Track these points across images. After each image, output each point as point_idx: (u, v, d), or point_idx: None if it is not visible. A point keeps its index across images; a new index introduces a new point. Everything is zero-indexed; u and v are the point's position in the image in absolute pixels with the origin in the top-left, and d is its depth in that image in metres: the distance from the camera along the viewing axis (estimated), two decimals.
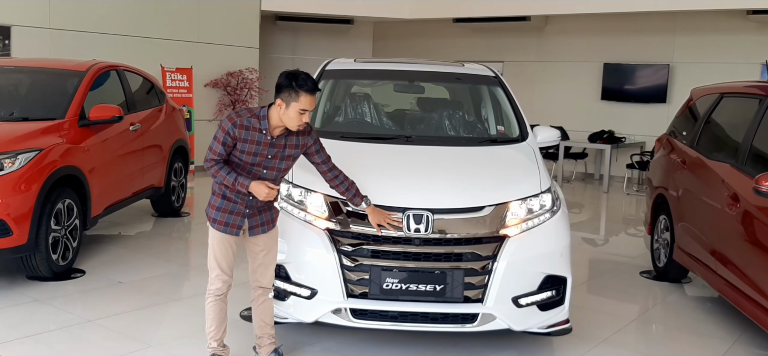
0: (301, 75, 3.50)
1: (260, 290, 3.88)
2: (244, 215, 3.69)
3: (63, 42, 10.01)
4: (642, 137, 12.76)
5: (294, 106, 3.48)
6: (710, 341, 4.86)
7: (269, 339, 3.96)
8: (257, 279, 3.86)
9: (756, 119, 4.93)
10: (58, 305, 5.02)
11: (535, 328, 4.16)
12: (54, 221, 5.45)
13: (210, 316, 3.80)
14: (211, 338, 3.83)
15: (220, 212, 3.67)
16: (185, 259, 6.91)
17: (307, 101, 3.48)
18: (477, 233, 3.98)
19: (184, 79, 11.40)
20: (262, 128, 3.55)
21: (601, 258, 7.67)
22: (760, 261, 4.41)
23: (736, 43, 11.89)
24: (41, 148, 5.40)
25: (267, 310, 3.92)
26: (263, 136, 3.56)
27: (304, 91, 3.46)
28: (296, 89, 3.46)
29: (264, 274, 3.85)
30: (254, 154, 3.57)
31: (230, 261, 3.75)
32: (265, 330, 3.94)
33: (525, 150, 4.76)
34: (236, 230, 3.69)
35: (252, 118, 3.56)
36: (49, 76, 6.62)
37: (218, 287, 3.75)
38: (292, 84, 3.47)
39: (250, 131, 3.54)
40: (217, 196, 3.69)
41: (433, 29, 15.13)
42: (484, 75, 5.59)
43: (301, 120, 3.51)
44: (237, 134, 3.52)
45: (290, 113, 3.49)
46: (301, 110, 3.49)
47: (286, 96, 3.48)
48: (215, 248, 3.72)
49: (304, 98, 3.47)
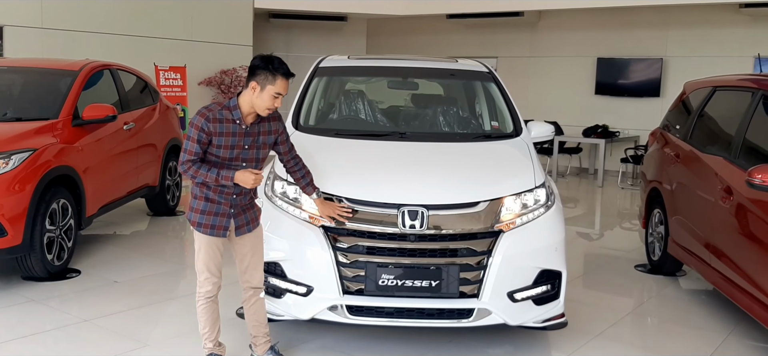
0: (277, 59, 3.52)
1: (251, 290, 3.86)
2: (229, 216, 3.66)
3: (55, 42, 9.99)
4: (636, 131, 12.80)
5: (269, 89, 3.47)
6: (705, 333, 4.89)
7: (264, 337, 3.96)
8: (247, 280, 3.84)
9: (749, 112, 4.95)
10: (53, 305, 5.02)
11: (531, 323, 4.17)
12: (49, 222, 5.44)
13: (203, 318, 3.79)
14: (207, 339, 3.83)
15: (204, 215, 3.62)
16: (181, 258, 6.90)
17: (283, 85, 3.48)
18: (472, 228, 3.99)
19: (177, 77, 11.39)
20: (234, 118, 3.53)
21: (595, 252, 7.69)
22: (753, 254, 4.43)
23: (728, 37, 11.93)
24: (35, 148, 5.39)
25: (259, 310, 3.92)
26: (237, 126, 3.54)
27: (281, 74, 3.46)
28: (272, 72, 3.46)
29: (254, 274, 3.84)
30: (231, 147, 3.54)
31: (218, 263, 3.72)
32: (259, 329, 3.94)
33: (519, 145, 4.78)
34: (223, 231, 3.66)
35: (223, 110, 3.53)
36: (42, 76, 6.60)
37: (208, 290, 3.72)
38: (268, 67, 3.46)
39: (223, 124, 3.51)
40: (199, 199, 3.62)
41: (427, 25, 15.13)
42: (478, 71, 5.60)
43: (273, 104, 3.51)
44: (211, 129, 3.48)
45: (264, 96, 3.49)
46: (275, 94, 3.49)
47: (262, 79, 3.47)
48: (202, 252, 3.67)
49: (281, 81, 3.47)
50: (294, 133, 4.75)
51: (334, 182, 4.10)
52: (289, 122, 4.90)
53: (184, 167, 3.52)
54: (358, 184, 4.09)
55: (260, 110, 3.53)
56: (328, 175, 4.17)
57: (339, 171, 4.26)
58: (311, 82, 5.30)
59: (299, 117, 4.99)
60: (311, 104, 5.25)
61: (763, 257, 4.27)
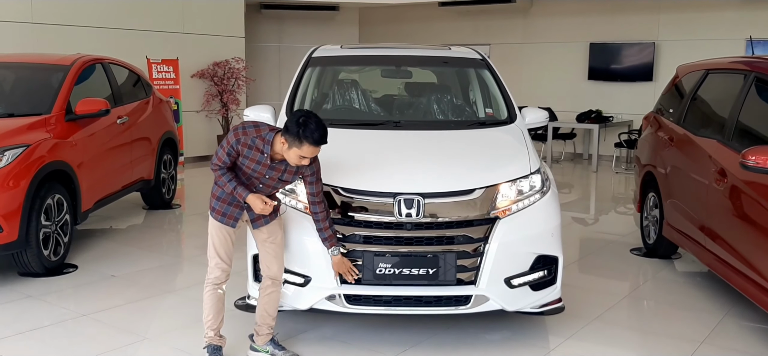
0: (311, 125, 3.45)
1: (269, 280, 3.90)
2: (241, 208, 3.74)
3: (46, 37, 9.92)
4: (629, 115, 12.83)
5: (295, 151, 3.50)
6: (701, 315, 4.92)
7: (268, 328, 3.97)
8: (266, 268, 3.89)
9: (741, 95, 4.97)
10: (51, 300, 5.01)
11: (528, 308, 4.20)
12: (44, 217, 5.43)
13: (208, 305, 3.82)
14: (208, 327, 3.85)
15: (219, 202, 3.73)
16: (177, 251, 6.90)
17: (310, 151, 3.50)
18: (468, 215, 4.00)
19: (170, 70, 11.34)
20: (264, 151, 3.58)
21: (591, 237, 7.72)
22: (748, 235, 4.46)
23: (720, 20, 11.95)
24: (28, 144, 5.37)
25: (272, 301, 3.93)
26: (264, 158, 3.60)
27: (309, 143, 3.46)
28: (300, 139, 3.45)
29: (272, 263, 3.87)
30: (253, 170, 3.64)
31: (229, 250, 3.79)
32: (266, 320, 3.95)
33: (514, 132, 4.78)
34: (233, 222, 3.74)
35: (257, 139, 3.58)
36: (34, 71, 6.56)
37: (217, 275, 3.79)
38: (298, 132, 3.45)
39: (252, 150, 3.58)
40: (218, 187, 3.73)
41: (419, 13, 15.10)
42: (472, 58, 5.60)
43: (300, 163, 3.56)
44: (240, 150, 3.59)
45: (290, 155, 3.53)
46: (301, 157, 3.52)
47: (290, 140, 3.48)
48: (214, 237, 3.77)
49: (307, 147, 3.48)
50: None
51: (330, 173, 4.09)
52: (283, 113, 4.89)
53: (213, 168, 3.68)
54: (353, 174, 4.10)
55: (289, 161, 3.58)
56: (324, 165, 4.16)
57: (334, 161, 4.25)
58: (304, 73, 5.29)
59: (293, 108, 4.98)
60: (305, 94, 5.24)
61: (758, 238, 4.30)
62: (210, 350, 3.86)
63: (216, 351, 3.86)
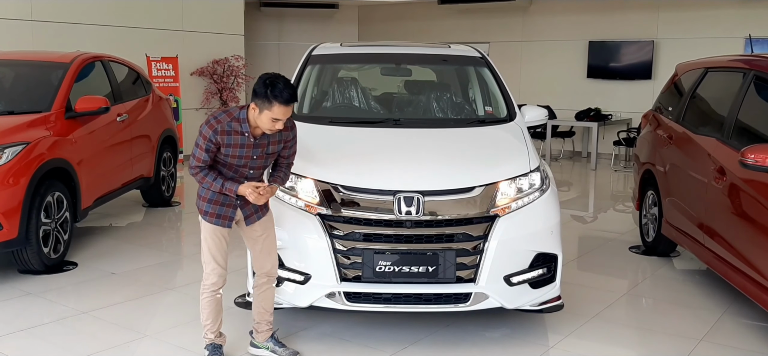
0: (279, 84, 3.40)
1: (265, 277, 3.87)
2: (235, 206, 3.68)
3: (46, 34, 9.91)
4: (628, 113, 12.84)
5: (266, 114, 3.43)
6: (700, 312, 4.93)
7: (267, 325, 3.97)
8: (261, 266, 3.85)
9: (741, 93, 4.98)
10: (51, 298, 5.02)
11: (527, 306, 4.21)
12: (44, 215, 5.43)
13: (206, 310, 3.79)
14: (208, 330, 3.84)
15: (211, 204, 3.65)
16: (177, 248, 6.91)
17: (281, 111, 3.42)
18: (468, 213, 4.01)
19: (169, 68, 11.34)
20: (243, 131, 3.52)
21: (590, 235, 7.74)
22: (747, 233, 4.47)
23: (719, 18, 11.95)
24: (28, 141, 5.37)
25: (268, 298, 3.92)
26: (246, 138, 3.54)
27: (279, 102, 3.39)
28: (269, 99, 3.39)
29: (266, 260, 3.84)
30: (239, 157, 3.56)
31: (224, 253, 3.74)
32: (263, 316, 3.95)
33: (513, 130, 4.79)
34: (228, 222, 3.69)
35: (232, 122, 3.51)
36: (34, 68, 6.57)
37: (214, 281, 3.73)
38: (266, 92, 3.40)
39: (232, 136, 3.51)
40: (207, 190, 3.65)
41: (419, 12, 15.10)
42: (471, 56, 5.60)
43: (273, 126, 3.48)
44: (219, 140, 3.49)
45: (262, 119, 3.46)
46: (273, 119, 3.45)
47: (260, 102, 3.43)
48: (208, 241, 3.70)
49: (278, 108, 3.40)
50: None
51: (330, 170, 4.11)
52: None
53: (193, 172, 3.57)
54: (353, 171, 4.10)
55: (262, 129, 3.52)
56: (324, 163, 4.18)
57: (334, 159, 4.27)
58: (304, 71, 5.29)
59: None
60: (305, 92, 5.25)
61: (757, 236, 4.31)
62: (211, 349, 3.86)
63: (216, 349, 3.86)
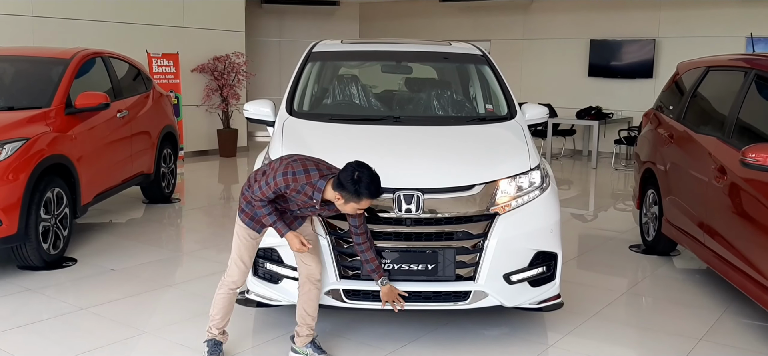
0: (365, 179, 3.42)
1: (304, 278, 3.85)
2: None
3: (46, 30, 9.91)
4: (629, 112, 12.83)
5: (352, 205, 3.49)
6: (700, 312, 4.93)
7: (308, 329, 3.92)
8: (306, 265, 3.83)
9: (742, 92, 4.97)
10: (50, 294, 5.02)
11: (527, 304, 4.20)
12: (43, 211, 5.43)
13: (219, 306, 3.81)
14: (214, 325, 3.84)
15: (249, 205, 3.68)
16: (177, 245, 6.91)
17: (368, 204, 3.52)
18: (467, 211, 4.00)
19: (170, 64, 11.33)
20: (313, 198, 3.53)
21: (590, 233, 7.73)
22: (747, 232, 4.46)
23: (720, 17, 11.94)
24: (28, 137, 5.37)
25: (310, 300, 3.87)
26: (314, 204, 3.56)
27: (367, 197, 3.45)
28: (359, 195, 3.43)
29: (310, 262, 3.81)
30: (298, 207, 3.62)
31: (252, 254, 3.78)
32: (305, 320, 3.90)
33: (514, 128, 4.78)
34: (259, 227, 3.72)
35: (307, 185, 3.50)
36: (34, 64, 6.56)
37: (235, 280, 3.77)
38: (357, 190, 3.42)
39: (300, 195, 3.54)
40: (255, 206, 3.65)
41: (420, 9, 15.08)
42: (472, 54, 5.59)
43: (356, 214, 3.59)
44: (287, 194, 3.55)
45: (347, 209, 3.52)
46: (358, 209, 3.53)
47: (347, 196, 3.45)
48: (240, 238, 3.74)
49: (366, 202, 3.49)
50: (288, 118, 4.75)
51: None
52: (283, 108, 4.89)
53: (254, 199, 3.57)
54: None
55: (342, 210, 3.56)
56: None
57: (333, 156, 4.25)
58: (304, 68, 5.28)
59: (293, 103, 4.98)
60: (305, 89, 5.23)
61: (757, 235, 4.30)
62: (211, 345, 3.85)
63: (217, 346, 3.86)
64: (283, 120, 4.71)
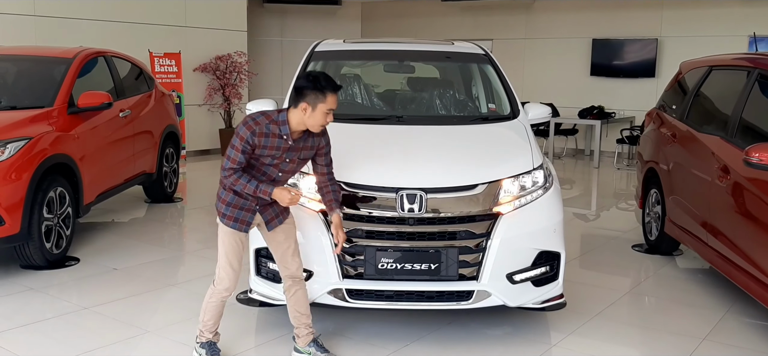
0: (322, 76, 3.49)
1: (290, 280, 3.80)
2: (253, 211, 3.63)
3: (48, 29, 9.91)
4: (631, 111, 12.81)
5: (321, 107, 3.46)
6: (702, 311, 4.92)
7: (306, 328, 3.89)
8: (285, 268, 3.79)
9: (745, 92, 4.96)
10: (53, 293, 5.02)
11: (530, 304, 4.19)
12: (46, 210, 5.43)
13: (210, 312, 3.77)
14: (207, 330, 3.81)
15: (229, 207, 3.59)
16: (179, 244, 6.91)
17: (334, 101, 3.48)
18: (470, 211, 4.00)
19: (172, 64, 11.33)
20: (282, 134, 3.50)
21: (593, 233, 7.72)
22: (750, 232, 4.45)
23: (723, 16, 11.92)
24: (30, 136, 5.37)
25: (300, 300, 3.83)
26: (283, 141, 3.52)
27: (330, 91, 3.45)
28: (322, 91, 3.44)
29: (291, 262, 3.78)
30: (273, 157, 3.54)
31: (240, 257, 3.70)
32: (300, 320, 3.87)
33: (516, 127, 4.77)
34: (245, 226, 3.64)
35: (271, 124, 3.49)
36: (36, 64, 6.56)
37: (227, 286, 3.68)
38: (317, 86, 3.44)
39: (269, 138, 3.49)
40: (227, 191, 3.59)
41: (422, 9, 15.07)
42: (475, 53, 5.59)
43: (326, 120, 3.52)
44: (256, 142, 3.47)
45: (317, 115, 3.47)
46: (328, 110, 3.48)
47: (312, 99, 3.44)
48: (226, 244, 3.64)
49: (331, 97, 3.46)
50: None
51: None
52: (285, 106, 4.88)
53: (226, 174, 3.50)
54: (356, 168, 4.09)
55: (314, 128, 3.52)
56: None
57: (337, 156, 4.25)
58: (307, 67, 5.28)
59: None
60: None
61: (760, 235, 4.30)
62: (208, 347, 3.82)
63: (213, 346, 3.84)
64: None
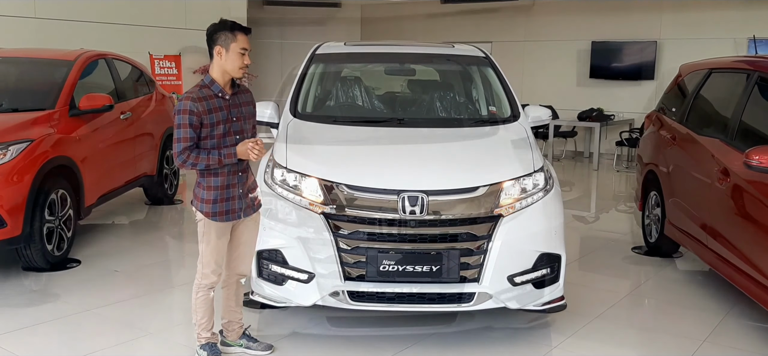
0: (225, 20, 3.57)
1: (236, 276, 3.88)
2: (240, 198, 3.68)
3: (49, 32, 9.92)
4: (631, 114, 12.83)
5: (234, 47, 3.51)
6: (702, 314, 4.93)
7: (238, 323, 3.99)
8: (236, 267, 3.85)
9: (745, 94, 4.98)
10: (54, 295, 5.03)
11: (531, 306, 4.21)
12: (48, 212, 5.44)
13: (201, 310, 3.79)
14: (202, 329, 3.83)
15: (217, 203, 3.60)
16: (180, 246, 6.91)
17: (245, 40, 3.54)
18: (471, 213, 4.01)
19: (172, 66, 11.36)
20: (215, 93, 3.55)
21: (593, 235, 7.73)
22: (750, 234, 4.46)
23: (722, 19, 11.94)
24: (32, 139, 5.38)
25: (239, 294, 3.95)
26: (221, 99, 3.56)
27: (239, 30, 3.52)
28: (231, 30, 3.51)
29: (244, 262, 3.85)
30: (223, 122, 3.55)
31: (225, 253, 3.75)
32: (235, 315, 3.96)
33: (517, 130, 4.79)
34: (238, 213, 3.69)
35: (201, 88, 3.56)
36: (38, 66, 6.58)
37: (213, 281, 3.73)
38: (225, 27, 3.52)
39: (208, 101, 3.52)
40: (209, 189, 3.59)
41: (421, 11, 15.09)
42: (475, 55, 5.60)
43: (243, 61, 3.54)
44: (199, 108, 3.48)
45: (232, 57, 3.51)
46: (241, 50, 3.52)
47: (223, 40, 3.51)
48: (213, 242, 3.65)
49: (241, 36, 3.52)
50: (292, 120, 4.76)
51: (334, 169, 4.11)
52: (287, 110, 4.90)
53: (182, 158, 3.50)
54: (357, 171, 4.11)
55: (234, 71, 3.55)
56: (328, 162, 4.18)
57: (338, 158, 4.27)
58: (308, 69, 5.30)
59: (297, 104, 4.99)
60: (309, 90, 5.25)
61: (760, 237, 4.31)
62: (209, 349, 3.84)
63: (213, 347, 3.86)
64: (288, 122, 4.73)
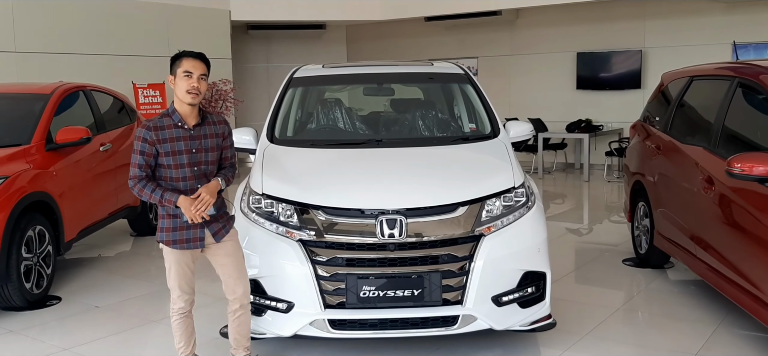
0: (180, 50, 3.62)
1: (237, 304, 3.80)
2: (202, 226, 3.62)
3: (30, 65, 9.86)
4: (619, 123, 12.81)
5: (179, 72, 3.52)
6: (695, 325, 4.85)
7: (245, 351, 3.91)
8: (232, 291, 3.78)
9: (726, 101, 4.92)
10: (33, 335, 4.91)
11: (517, 326, 4.11)
12: (25, 249, 5.34)
13: (177, 333, 3.78)
14: (182, 352, 3.79)
15: (177, 231, 3.60)
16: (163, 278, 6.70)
17: (189, 64, 3.52)
18: (452, 233, 3.93)
19: (157, 94, 11.30)
20: (175, 122, 3.55)
21: (584, 247, 7.65)
22: (737, 243, 4.39)
23: (706, 25, 11.96)
24: (7, 175, 5.29)
25: (243, 324, 3.85)
26: (180, 129, 3.54)
27: (184, 55, 3.54)
28: (178, 58, 3.54)
29: (238, 285, 3.77)
30: (179, 153, 3.52)
31: (190, 280, 3.71)
32: (241, 343, 3.90)
33: (497, 146, 4.72)
34: (200, 242, 3.63)
35: (162, 117, 3.58)
36: (14, 101, 6.49)
37: (181, 306, 3.73)
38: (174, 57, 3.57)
39: (165, 130, 3.52)
40: (167, 218, 3.61)
41: (406, 29, 15.10)
42: (454, 73, 5.55)
43: (189, 84, 3.51)
44: (153, 137, 3.50)
45: (178, 82, 3.53)
46: (185, 73, 3.50)
47: (173, 69, 3.56)
48: (173, 270, 3.67)
49: (186, 60, 3.52)
50: (268, 146, 4.69)
51: (309, 193, 4.03)
52: (264, 135, 4.83)
53: (131, 184, 3.55)
54: (331, 192, 4.03)
55: (183, 96, 3.53)
56: (303, 186, 4.11)
57: (311, 180, 4.20)
58: (285, 94, 5.23)
59: (274, 130, 4.92)
60: (287, 115, 5.18)
61: (747, 246, 4.24)
62: None
63: None
64: (264, 148, 4.66)
